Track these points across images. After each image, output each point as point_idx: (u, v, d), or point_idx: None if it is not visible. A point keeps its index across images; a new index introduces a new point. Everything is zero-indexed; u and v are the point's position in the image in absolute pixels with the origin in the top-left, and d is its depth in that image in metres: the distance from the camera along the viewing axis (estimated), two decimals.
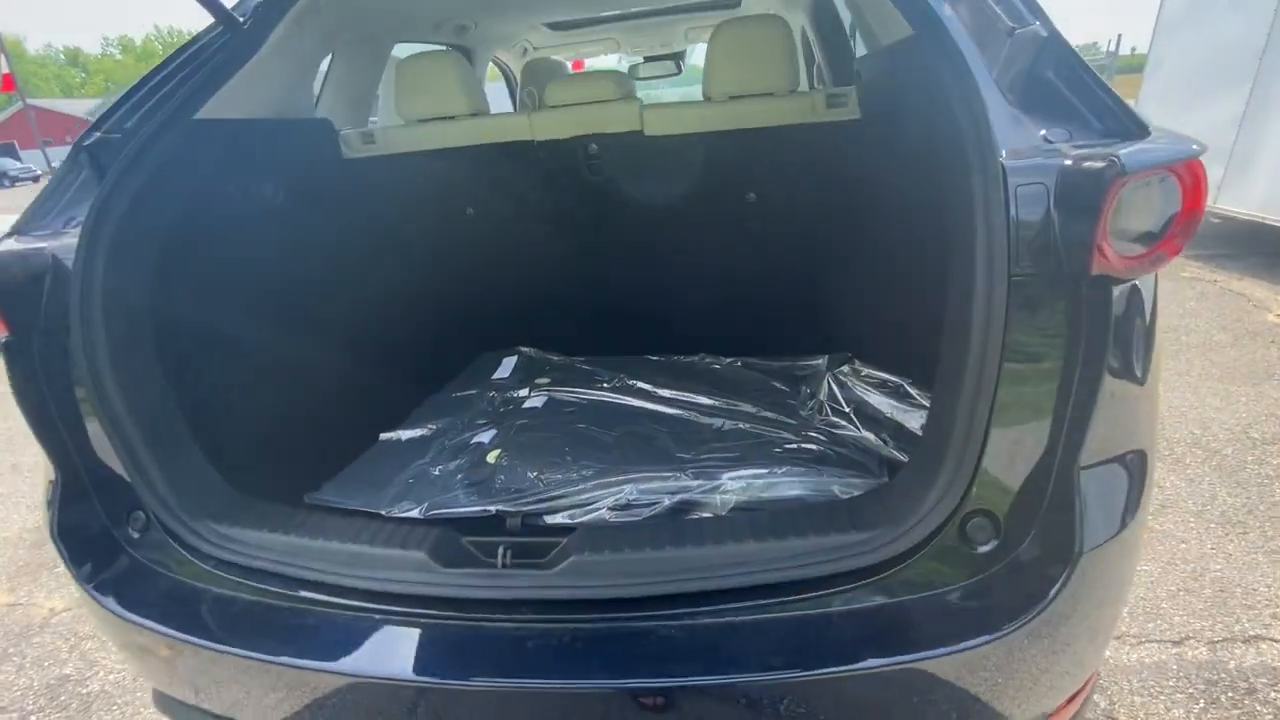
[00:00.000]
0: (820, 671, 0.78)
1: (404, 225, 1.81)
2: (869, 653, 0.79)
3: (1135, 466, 0.83)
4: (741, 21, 1.52)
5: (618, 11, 2.60)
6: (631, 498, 1.16)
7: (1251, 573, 1.73)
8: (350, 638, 0.90)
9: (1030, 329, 0.76)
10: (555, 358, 1.90)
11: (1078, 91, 0.82)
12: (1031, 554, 0.79)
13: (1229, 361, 2.97)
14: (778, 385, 1.61)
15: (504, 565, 0.93)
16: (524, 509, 1.17)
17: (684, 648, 0.83)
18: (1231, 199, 4.39)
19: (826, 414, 1.41)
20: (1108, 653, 1.37)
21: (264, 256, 1.40)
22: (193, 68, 1.24)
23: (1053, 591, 0.77)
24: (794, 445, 1.31)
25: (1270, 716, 1.35)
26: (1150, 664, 1.49)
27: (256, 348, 1.36)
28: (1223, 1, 4.47)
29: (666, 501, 1.15)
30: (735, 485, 1.16)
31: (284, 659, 0.88)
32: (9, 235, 1.05)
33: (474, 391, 1.70)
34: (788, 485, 1.15)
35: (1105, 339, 0.76)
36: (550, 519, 1.16)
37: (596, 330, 1.94)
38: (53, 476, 1.07)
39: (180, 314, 1.16)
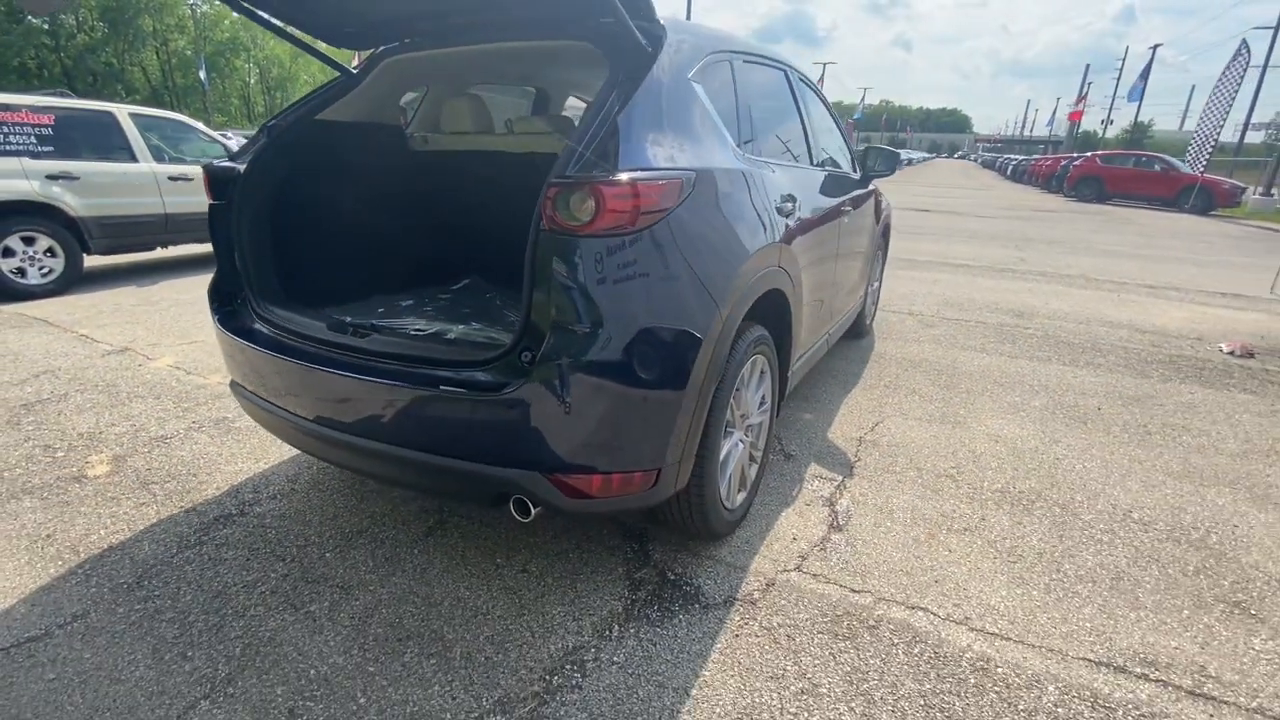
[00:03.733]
0: (433, 389, 1.57)
1: (430, 189, 2.81)
2: (465, 384, 1.55)
3: (576, 346, 1.46)
4: None
5: None
6: (419, 325, 2.12)
7: None
8: (297, 346, 1.86)
9: (545, 261, 1.43)
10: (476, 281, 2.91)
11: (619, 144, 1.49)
12: (537, 366, 1.47)
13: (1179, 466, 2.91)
14: None
15: (347, 333, 1.86)
16: (378, 323, 2.09)
17: (380, 370, 1.67)
18: None
19: None
20: None
21: (343, 192, 2.47)
22: (324, 92, 2.43)
23: (529, 384, 1.48)
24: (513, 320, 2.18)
25: None
26: None
27: (324, 237, 2.45)
28: None
29: (429, 328, 2.09)
30: (463, 330, 2.09)
31: (272, 353, 1.84)
32: (230, 159, 2.19)
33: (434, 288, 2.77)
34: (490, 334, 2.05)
35: (557, 267, 1.42)
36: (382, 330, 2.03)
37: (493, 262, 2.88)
38: (215, 270, 2.21)
39: (286, 208, 2.23)
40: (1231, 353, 4.54)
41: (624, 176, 1.46)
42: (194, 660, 1.65)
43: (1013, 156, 42.81)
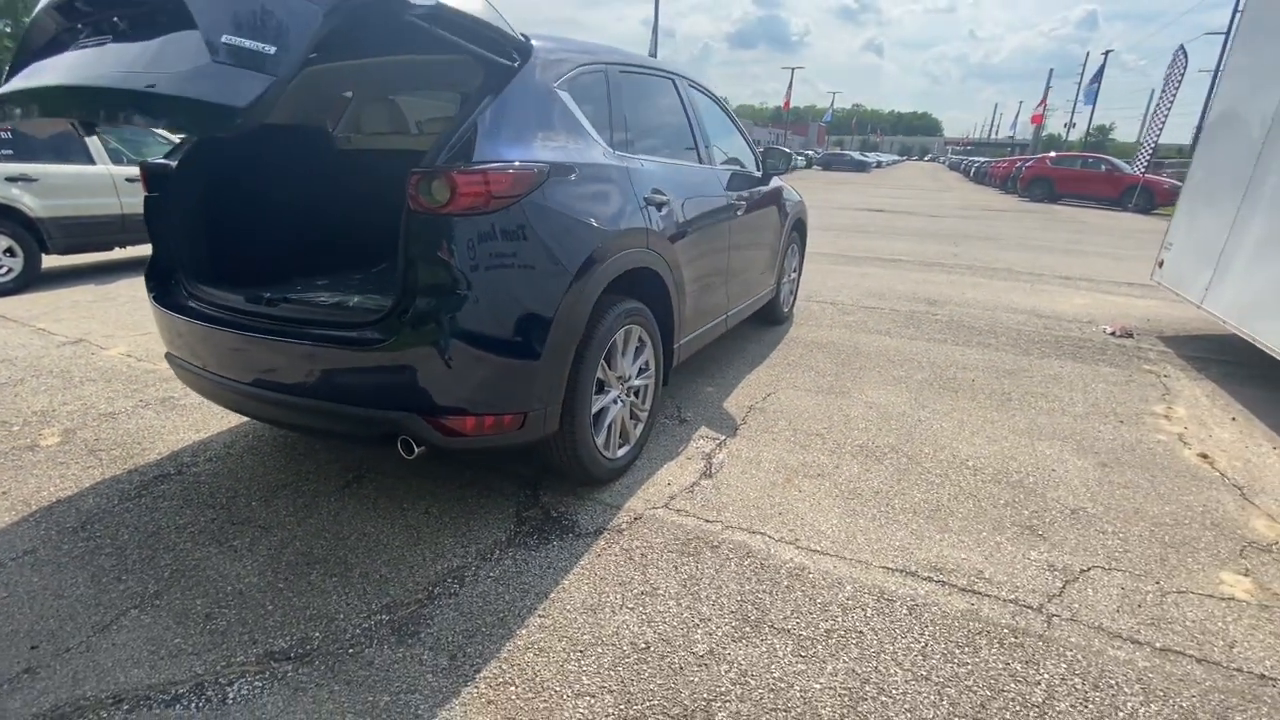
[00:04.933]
0: (329, 346, 1.90)
1: (351, 184, 3.11)
2: (355, 341, 1.88)
3: (441, 306, 1.79)
4: None
5: None
6: (326, 297, 2.40)
7: None
8: (219, 316, 2.17)
9: (415, 236, 1.77)
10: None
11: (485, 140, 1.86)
12: (409, 324, 1.81)
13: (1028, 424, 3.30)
14: None
15: (262, 304, 2.16)
16: (291, 296, 2.35)
17: (287, 332, 1.98)
18: (1213, 301, 4.34)
19: None
20: None
21: (267, 186, 2.79)
22: None
23: (403, 339, 1.81)
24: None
25: None
26: None
27: (250, 225, 2.75)
28: (1238, 117, 4.57)
29: (334, 299, 2.37)
30: (360, 299, 2.36)
31: (199, 322, 2.15)
32: (165, 157, 2.48)
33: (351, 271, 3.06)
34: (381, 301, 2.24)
35: (427, 244, 1.76)
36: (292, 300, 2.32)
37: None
38: (150, 254, 2.49)
39: (215, 200, 2.56)
40: (1113, 333, 5.01)
41: (477, 166, 1.78)
42: (127, 582, 1.94)
43: (976, 159, 44.15)
